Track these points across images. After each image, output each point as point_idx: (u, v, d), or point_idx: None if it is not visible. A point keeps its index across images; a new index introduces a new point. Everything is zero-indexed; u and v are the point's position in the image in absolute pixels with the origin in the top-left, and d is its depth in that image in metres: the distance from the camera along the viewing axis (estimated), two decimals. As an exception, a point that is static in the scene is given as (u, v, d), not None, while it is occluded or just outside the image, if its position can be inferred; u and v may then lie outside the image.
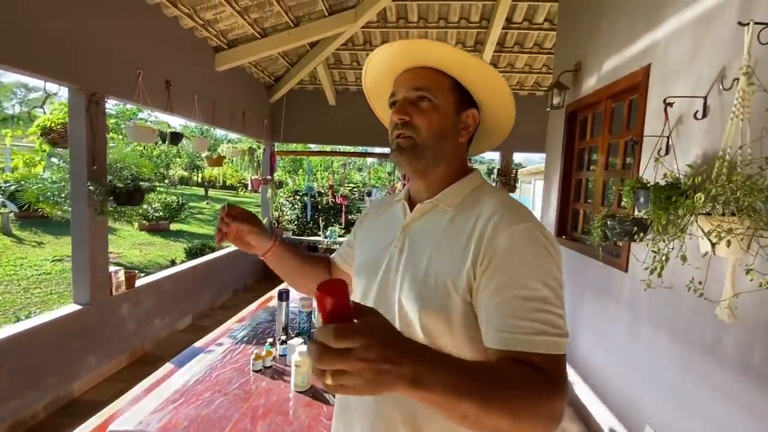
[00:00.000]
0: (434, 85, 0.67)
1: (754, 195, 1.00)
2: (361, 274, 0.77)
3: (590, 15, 2.78)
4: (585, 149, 2.96)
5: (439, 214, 0.70)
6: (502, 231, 0.59)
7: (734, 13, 1.48)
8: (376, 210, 0.86)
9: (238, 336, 1.76)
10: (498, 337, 0.55)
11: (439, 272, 0.62)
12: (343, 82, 5.49)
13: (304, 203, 8.35)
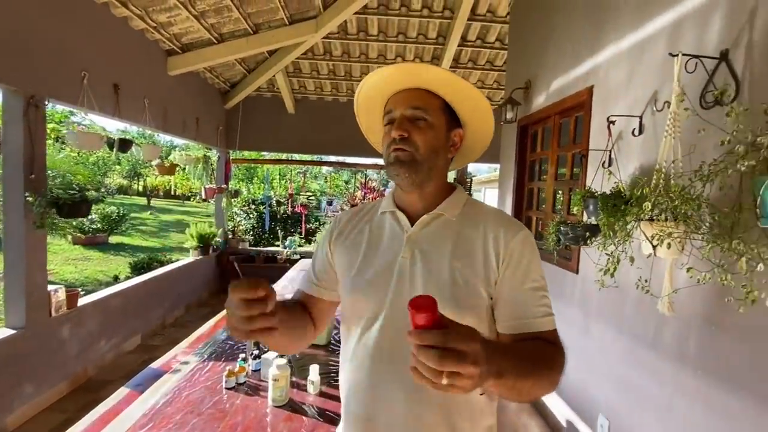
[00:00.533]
0: (429, 105, 0.73)
1: (688, 203, 1.15)
2: (365, 292, 0.74)
3: (538, 38, 3.03)
4: (536, 161, 3.20)
5: (443, 223, 0.75)
6: (513, 237, 0.71)
7: (663, 44, 1.71)
8: (352, 224, 0.83)
9: (205, 353, 1.68)
10: (519, 323, 0.69)
11: (467, 275, 0.70)
12: (302, 90, 5.46)
13: (260, 213, 8.12)
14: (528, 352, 0.64)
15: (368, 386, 0.72)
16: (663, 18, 1.72)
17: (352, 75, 5.06)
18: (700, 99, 1.47)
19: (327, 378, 1.50)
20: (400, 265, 0.73)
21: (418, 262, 0.72)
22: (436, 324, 0.44)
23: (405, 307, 0.68)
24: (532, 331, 0.68)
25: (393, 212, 0.79)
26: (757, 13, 1.28)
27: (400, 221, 0.77)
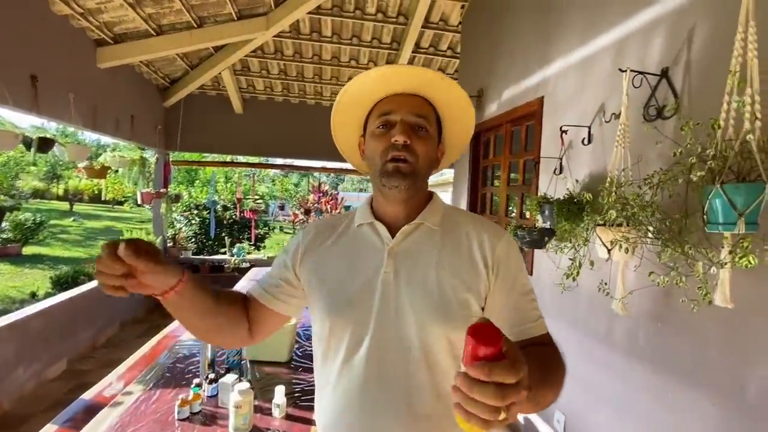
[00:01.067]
0: (429, 115, 0.71)
1: (645, 210, 1.23)
2: (346, 312, 0.68)
3: (489, 49, 3.14)
4: (488, 167, 3.31)
5: (425, 233, 0.72)
6: (498, 243, 0.70)
7: (609, 60, 1.83)
8: (323, 237, 0.76)
9: (150, 380, 1.50)
10: (518, 330, 0.67)
11: (456, 286, 0.66)
12: (250, 89, 5.20)
13: (203, 218, 7.61)
14: (539, 361, 0.59)
15: (356, 418, 0.66)
16: (609, 36, 1.84)
17: (305, 76, 4.92)
18: (644, 112, 1.59)
19: (292, 399, 1.41)
20: (383, 280, 0.68)
21: (402, 275, 0.68)
22: (500, 354, 0.38)
23: (393, 326, 0.64)
24: (531, 337, 0.67)
25: (371, 224, 0.73)
26: (694, 35, 1.41)
27: (380, 233, 0.72)
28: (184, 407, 1.25)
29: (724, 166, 1.04)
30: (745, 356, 1.20)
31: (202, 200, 8.04)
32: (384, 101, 0.71)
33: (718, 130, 1.05)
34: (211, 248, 7.34)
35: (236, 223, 7.78)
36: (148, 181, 4.65)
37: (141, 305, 4.70)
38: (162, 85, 4.84)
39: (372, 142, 0.71)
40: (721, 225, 1.04)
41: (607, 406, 1.75)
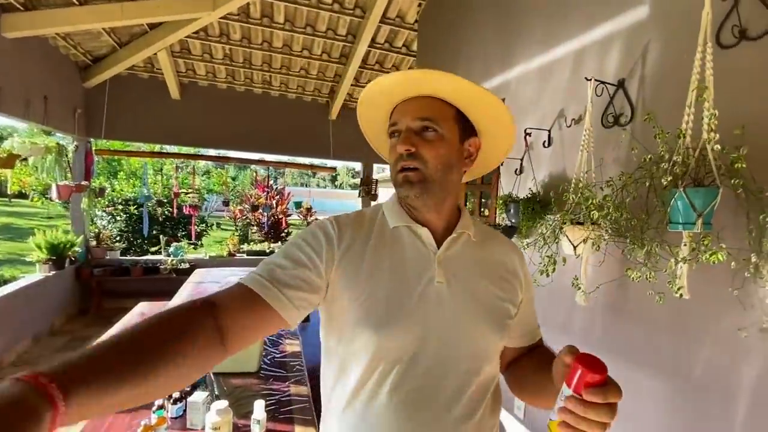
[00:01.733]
0: (439, 115, 0.66)
1: (618, 210, 1.32)
2: (403, 325, 0.62)
3: (449, 50, 3.20)
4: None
5: (466, 243, 0.72)
6: (521, 259, 0.77)
7: (569, 69, 1.95)
8: (356, 236, 0.67)
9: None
10: (530, 336, 0.77)
11: (501, 297, 0.70)
12: (190, 74, 4.77)
13: (129, 214, 6.87)
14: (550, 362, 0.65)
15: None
16: (568, 45, 1.96)
17: (252, 63, 4.63)
18: (602, 119, 1.71)
19: (269, 412, 1.31)
20: (438, 290, 0.65)
21: (456, 286, 0.67)
22: (607, 379, 0.46)
23: (448, 340, 0.62)
24: (536, 340, 0.78)
25: (409, 227, 0.69)
26: (648, 50, 1.55)
27: (424, 239, 0.68)
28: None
29: (686, 172, 1.15)
30: (691, 341, 1.35)
31: (128, 194, 7.25)
32: (395, 110, 0.71)
33: (681, 140, 1.16)
34: (140, 248, 6.65)
35: (170, 219, 7.13)
36: (66, 173, 4.06)
37: (60, 314, 4.12)
38: (82, 63, 4.24)
39: (388, 152, 0.71)
40: (682, 224, 1.15)
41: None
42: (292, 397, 1.42)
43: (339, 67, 4.77)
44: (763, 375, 1.16)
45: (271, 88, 5.12)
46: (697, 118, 1.17)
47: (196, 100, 4.94)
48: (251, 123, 5.14)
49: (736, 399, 1.22)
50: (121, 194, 7.22)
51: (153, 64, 4.53)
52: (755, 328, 1.16)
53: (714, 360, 1.28)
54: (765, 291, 1.12)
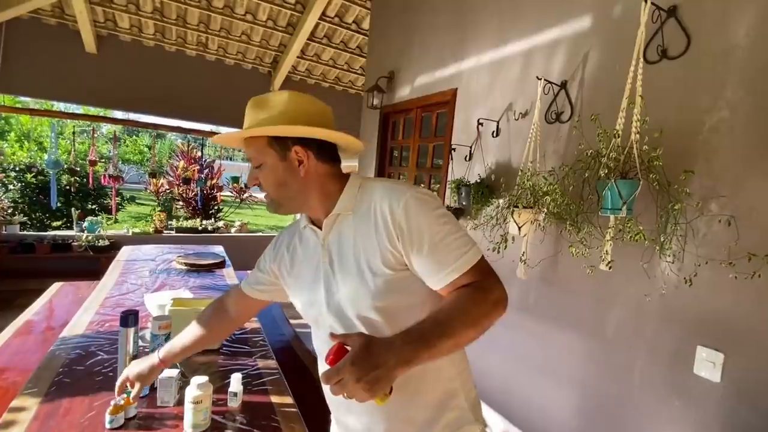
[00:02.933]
0: (257, 152, 0.79)
1: (563, 196, 1.53)
2: (308, 299, 0.85)
3: (402, 33, 3.25)
4: (395, 148, 3.48)
5: (343, 221, 0.80)
6: (396, 209, 0.71)
7: (518, 66, 2.13)
8: (290, 244, 0.92)
9: (41, 391, 1.20)
10: (440, 278, 0.70)
11: (372, 262, 0.74)
12: (109, 25, 4.17)
13: (25, 183, 5.90)
14: (443, 314, 0.66)
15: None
16: (519, 44, 2.14)
17: (187, 21, 4.20)
18: (546, 115, 1.93)
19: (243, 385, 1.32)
20: (324, 269, 0.81)
21: (335, 263, 0.79)
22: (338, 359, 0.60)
23: (338, 307, 0.79)
24: (456, 278, 0.69)
25: (307, 225, 0.87)
26: (588, 57, 1.77)
27: (315, 231, 0.85)
28: (118, 414, 1.06)
29: (616, 166, 1.37)
30: (608, 305, 1.63)
31: (22, 160, 6.21)
32: None
33: (615, 139, 1.38)
34: (42, 222, 5.78)
35: (80, 191, 6.28)
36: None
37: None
38: (-36, -3, 3.49)
39: None
40: (611, 210, 1.38)
41: (498, 352, 2.15)
42: (261, 370, 1.44)
43: (285, 37, 4.55)
44: (658, 330, 1.47)
45: (207, 51, 4.71)
46: (627, 122, 1.40)
47: (116, 56, 4.36)
48: (181, 87, 4.70)
49: (637, 350, 1.53)
50: (12, 159, 6.15)
51: (62, 9, 3.88)
52: (656, 294, 1.46)
53: (624, 320, 1.57)
54: (665, 264, 1.41)
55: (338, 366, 0.57)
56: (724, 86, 1.32)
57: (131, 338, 1.28)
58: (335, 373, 0.57)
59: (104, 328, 1.65)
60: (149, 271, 2.54)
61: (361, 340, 0.60)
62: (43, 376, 1.27)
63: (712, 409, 1.31)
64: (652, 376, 1.48)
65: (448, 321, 0.65)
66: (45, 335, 2.08)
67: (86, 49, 4.17)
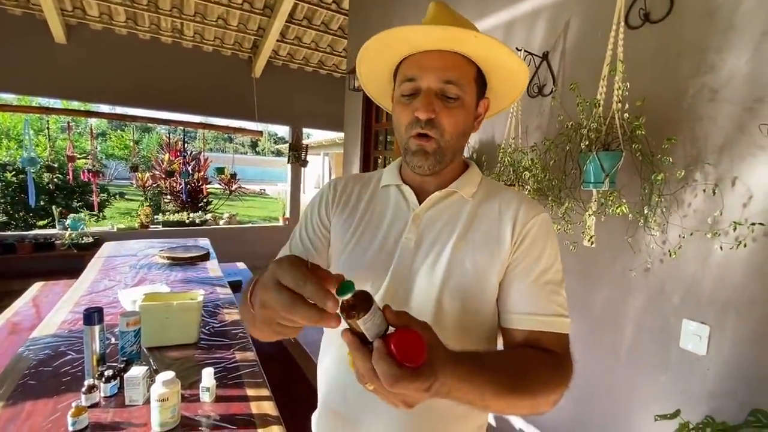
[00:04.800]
0: (465, 78, 0.61)
1: (544, 171, 1.48)
2: (361, 274, 0.64)
3: (381, 9, 3.13)
4: (381, 130, 3.40)
5: (456, 203, 0.68)
6: (530, 218, 0.64)
7: (499, 37, 2.04)
8: (347, 194, 0.74)
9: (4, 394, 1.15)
10: (522, 318, 0.61)
11: (479, 262, 0.62)
12: (78, 13, 4.00)
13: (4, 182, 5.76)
14: (517, 365, 0.55)
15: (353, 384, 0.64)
16: (500, 15, 2.05)
17: (160, 7, 4.03)
18: (528, 89, 1.86)
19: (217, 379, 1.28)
20: (403, 247, 0.65)
21: (424, 244, 0.65)
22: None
23: (405, 292, 0.63)
24: (537, 330, 0.60)
25: (398, 186, 0.70)
26: (569, 26, 1.69)
27: (407, 197, 0.69)
28: (81, 415, 1.01)
29: (598, 137, 1.32)
30: (593, 281, 1.60)
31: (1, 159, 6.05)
32: (411, 60, 0.62)
33: (596, 109, 1.32)
34: (24, 221, 5.66)
35: (61, 188, 6.14)
36: None
37: None
38: None
39: (396, 109, 0.65)
40: (593, 184, 1.33)
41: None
42: (238, 363, 1.40)
43: (263, 20, 4.39)
44: (644, 306, 1.44)
45: (183, 38, 4.54)
46: (608, 90, 1.34)
47: (87, 45, 4.20)
48: (158, 77, 4.55)
49: (623, 327, 1.50)
50: (-9, 158, 5.99)
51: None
52: (641, 268, 1.43)
53: (609, 296, 1.54)
54: (650, 237, 1.37)
55: (420, 368, 0.40)
56: (707, 49, 1.26)
57: (97, 336, 1.23)
58: (417, 377, 0.39)
59: (76, 327, 1.59)
60: (129, 267, 2.48)
61: (436, 338, 0.45)
62: (8, 379, 1.22)
63: (699, 382, 1.29)
64: (638, 352, 1.46)
65: (521, 379, 0.52)
66: (24, 336, 2.03)
67: (55, 39, 4.00)
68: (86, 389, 1.10)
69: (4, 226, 5.29)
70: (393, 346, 0.39)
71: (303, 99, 5.47)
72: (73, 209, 5.91)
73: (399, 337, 0.40)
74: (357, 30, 3.55)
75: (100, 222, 6.04)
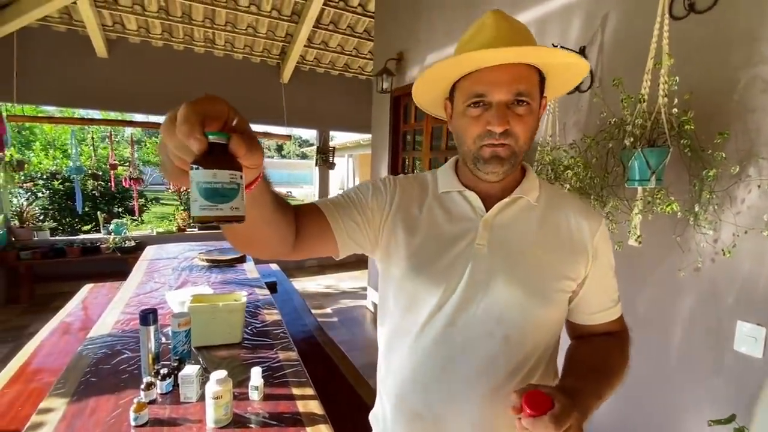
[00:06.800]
0: (532, 87, 0.62)
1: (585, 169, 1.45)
2: (433, 280, 0.65)
3: (408, 10, 3.13)
4: (409, 131, 3.40)
5: (524, 208, 0.68)
6: (597, 230, 0.69)
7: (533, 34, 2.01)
8: (408, 195, 0.72)
9: (68, 391, 1.23)
10: (597, 315, 0.71)
11: (556, 266, 0.65)
12: (118, 28, 4.21)
13: (53, 190, 6.13)
14: (601, 365, 0.67)
15: (432, 380, 0.66)
16: (532, 11, 2.02)
17: (193, 18, 4.19)
18: (564, 85, 1.82)
19: (264, 378, 1.32)
20: (476, 253, 0.65)
21: (499, 250, 0.65)
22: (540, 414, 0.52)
23: (480, 298, 0.65)
24: (606, 321, 0.72)
25: (461, 192, 0.70)
26: (608, 18, 1.64)
27: (472, 203, 0.69)
28: (142, 411, 1.07)
29: (643, 134, 1.28)
30: (639, 282, 1.55)
31: (48, 167, 6.44)
32: (477, 75, 0.61)
33: (640, 104, 1.28)
34: (72, 227, 6.01)
35: (104, 195, 6.48)
36: (-27, 143, 3.50)
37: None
38: (-21, 11, 3.58)
39: (462, 121, 0.64)
40: (638, 181, 1.29)
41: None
42: (282, 362, 1.44)
43: (291, 26, 4.49)
44: (694, 307, 1.38)
45: (214, 47, 4.70)
46: (653, 84, 1.29)
47: (126, 59, 4.41)
48: (193, 86, 4.72)
49: (672, 328, 1.45)
50: (39, 168, 6.39)
51: (71, 15, 3.93)
52: (690, 268, 1.37)
53: (657, 297, 1.49)
54: (700, 236, 1.32)
55: (566, 413, 0.52)
56: (760, 39, 1.19)
57: (152, 336, 1.30)
58: (563, 422, 0.51)
59: (129, 326, 1.68)
60: (172, 269, 2.59)
61: (554, 389, 0.55)
62: (70, 377, 1.31)
63: (755, 385, 1.23)
64: (689, 354, 1.40)
65: (610, 373, 0.66)
66: (77, 336, 2.16)
67: (97, 54, 4.23)
68: (145, 386, 1.16)
69: (54, 231, 5.64)
70: (525, 404, 0.52)
71: (329, 102, 5.56)
72: (115, 214, 6.23)
73: (528, 396, 0.53)
74: (383, 31, 3.57)
75: (140, 226, 6.34)
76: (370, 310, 3.95)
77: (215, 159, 0.38)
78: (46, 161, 6.84)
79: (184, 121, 0.36)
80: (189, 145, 0.37)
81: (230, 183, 0.39)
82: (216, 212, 0.39)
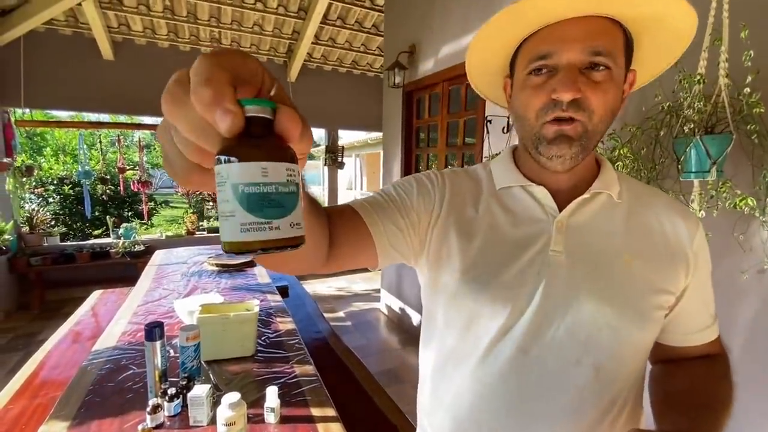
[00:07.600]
0: (615, 46, 0.47)
1: (635, 161, 1.30)
2: (498, 296, 0.52)
3: (418, 5, 2.99)
4: (423, 127, 3.26)
5: (604, 206, 0.55)
6: (695, 234, 0.57)
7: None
8: (463, 194, 0.59)
9: (69, 413, 1.13)
10: (693, 337, 0.59)
11: (650, 277, 0.53)
12: (123, 30, 4.15)
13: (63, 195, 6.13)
14: (710, 401, 0.54)
15: (499, 421, 0.53)
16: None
17: (198, 17, 4.11)
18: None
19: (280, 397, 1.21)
20: (552, 262, 0.52)
21: (581, 259, 0.52)
22: None
23: (558, 317, 0.51)
24: (703, 343, 0.60)
25: (525, 187, 0.56)
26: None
27: (540, 200, 0.56)
28: (148, 437, 0.96)
29: (701, 119, 1.13)
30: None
31: (58, 173, 6.45)
32: (541, 34, 0.48)
33: (698, 86, 1.13)
34: (82, 231, 6.00)
35: (113, 199, 6.47)
36: (-19, 149, 3.46)
37: (-7, 310, 3.64)
38: (-16, 15, 3.54)
39: (522, 94, 0.50)
40: (694, 173, 1.14)
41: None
42: (299, 378, 1.33)
43: (297, 23, 4.38)
44: (759, 312, 1.23)
45: (221, 47, 4.62)
46: (710, 64, 1.14)
47: (133, 61, 4.35)
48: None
49: (731, 334, 1.29)
50: (50, 173, 6.39)
51: (76, 18, 3.88)
52: (754, 270, 1.22)
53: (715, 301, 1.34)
54: (767, 233, 1.16)
55: None
56: None
57: (158, 351, 1.19)
58: None
59: (136, 338, 1.58)
60: (181, 275, 2.50)
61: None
62: (72, 397, 1.20)
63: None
64: (751, 362, 1.25)
65: (722, 412, 0.54)
66: (85, 346, 2.07)
67: (103, 56, 4.17)
68: (151, 409, 1.05)
69: (65, 236, 5.62)
70: None
71: (337, 100, 5.45)
72: (124, 218, 6.21)
73: None
74: (393, 23, 3.44)
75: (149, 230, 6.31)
76: (384, 313, 3.83)
77: (259, 144, 0.24)
78: (57, 166, 6.86)
79: (204, 82, 0.22)
80: (216, 122, 0.23)
81: (287, 184, 0.25)
82: (269, 234, 0.24)
